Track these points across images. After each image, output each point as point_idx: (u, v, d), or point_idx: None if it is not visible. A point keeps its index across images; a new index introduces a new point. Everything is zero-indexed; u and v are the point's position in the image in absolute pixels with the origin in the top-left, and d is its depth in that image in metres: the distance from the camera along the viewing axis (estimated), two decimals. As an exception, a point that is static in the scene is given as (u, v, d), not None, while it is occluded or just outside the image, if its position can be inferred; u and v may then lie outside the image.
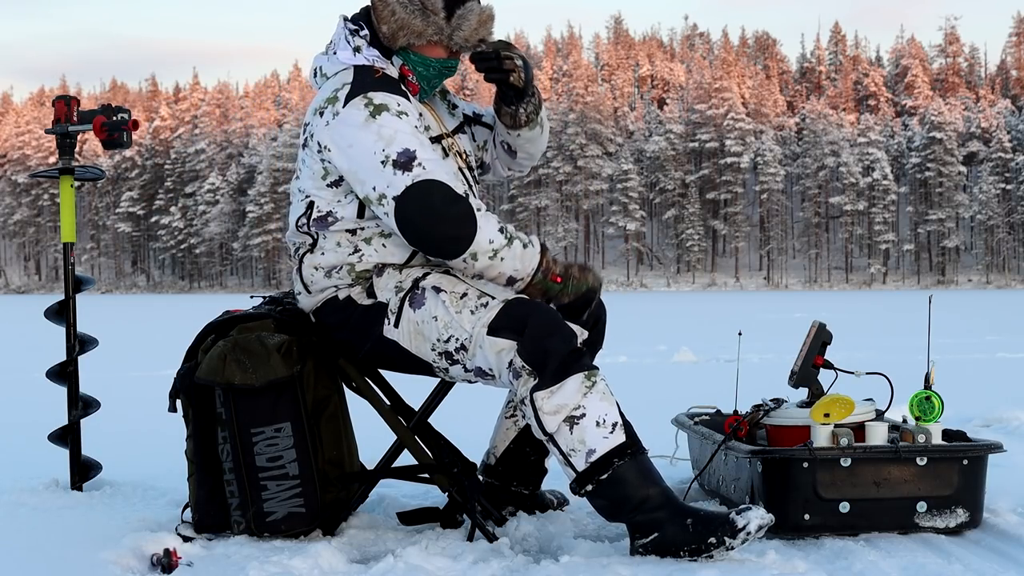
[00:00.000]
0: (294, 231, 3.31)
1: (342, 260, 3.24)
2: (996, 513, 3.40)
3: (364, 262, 3.23)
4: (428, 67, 3.27)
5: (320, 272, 3.26)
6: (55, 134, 4.08)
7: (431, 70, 3.28)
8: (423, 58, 3.26)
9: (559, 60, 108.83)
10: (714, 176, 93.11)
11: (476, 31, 3.25)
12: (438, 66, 3.28)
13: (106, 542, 3.10)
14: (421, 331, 3.15)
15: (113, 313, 32.52)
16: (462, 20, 3.23)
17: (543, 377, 3.00)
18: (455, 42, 3.24)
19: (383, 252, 3.24)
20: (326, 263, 3.25)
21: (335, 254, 3.24)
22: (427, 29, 3.21)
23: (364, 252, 3.23)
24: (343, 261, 3.24)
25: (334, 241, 3.24)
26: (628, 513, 3.01)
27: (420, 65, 3.27)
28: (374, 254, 3.23)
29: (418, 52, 3.26)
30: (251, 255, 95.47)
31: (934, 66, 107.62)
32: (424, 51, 3.26)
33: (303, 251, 3.29)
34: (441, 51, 3.27)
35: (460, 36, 3.23)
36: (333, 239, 3.24)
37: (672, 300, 49.03)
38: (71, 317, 4.07)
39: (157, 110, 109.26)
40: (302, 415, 3.19)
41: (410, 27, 3.21)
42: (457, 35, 3.23)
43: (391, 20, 3.22)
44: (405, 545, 3.07)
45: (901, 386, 3.69)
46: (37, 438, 4.32)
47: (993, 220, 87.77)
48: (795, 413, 3.46)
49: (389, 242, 3.24)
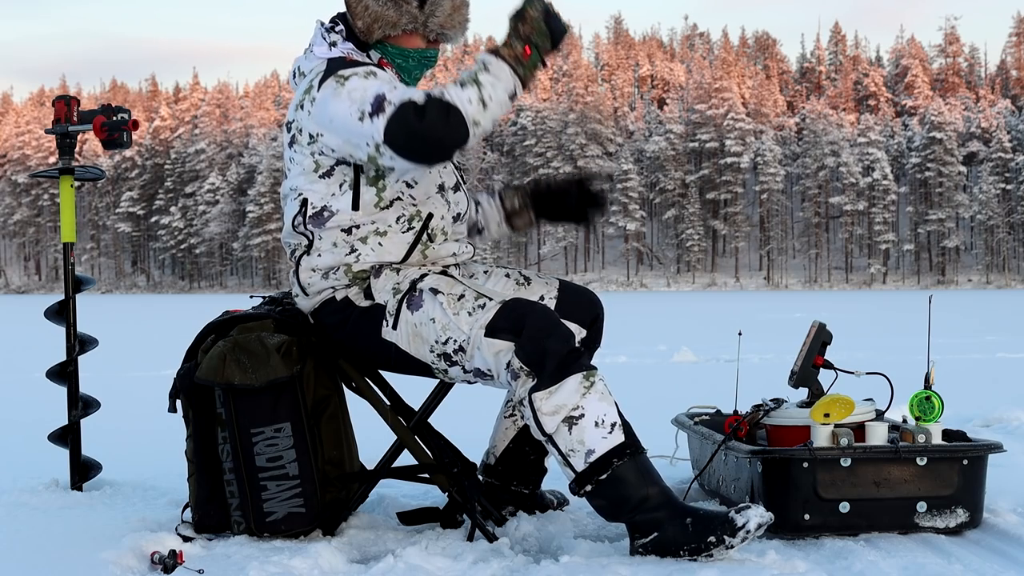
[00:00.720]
0: (290, 231, 3.29)
1: (339, 261, 3.23)
2: (996, 513, 3.40)
3: (361, 262, 3.23)
4: (407, 58, 3.26)
5: (317, 274, 3.25)
6: (55, 134, 4.08)
7: (410, 61, 3.26)
8: (401, 49, 3.25)
9: (559, 60, 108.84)
10: (714, 176, 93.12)
11: (451, 16, 3.23)
12: (417, 56, 3.26)
13: (106, 542, 3.10)
14: (419, 333, 3.15)
15: (113, 313, 32.52)
16: (435, 6, 3.21)
17: (541, 378, 3.00)
18: (431, 29, 3.22)
19: (380, 251, 3.23)
20: (323, 264, 3.24)
21: (332, 255, 3.23)
22: (401, 18, 3.19)
23: (361, 252, 3.22)
24: (340, 262, 3.23)
25: (330, 241, 3.23)
26: (628, 513, 3.01)
27: (399, 57, 3.26)
28: (371, 253, 3.23)
29: (395, 44, 3.24)
30: (251, 255, 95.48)
31: (934, 66, 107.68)
32: (401, 42, 3.24)
33: (299, 253, 3.27)
34: (419, 40, 3.25)
35: (435, 22, 3.22)
36: (329, 239, 3.23)
37: (672, 300, 49.02)
38: (71, 317, 4.07)
39: (157, 110, 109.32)
40: (302, 415, 3.19)
41: (384, 18, 3.19)
42: (432, 21, 3.21)
43: (364, 14, 3.21)
44: (405, 545, 3.07)
45: (901, 386, 3.69)
46: (37, 438, 4.32)
47: (993, 220, 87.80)
48: (795, 413, 3.46)
49: (386, 240, 3.23)
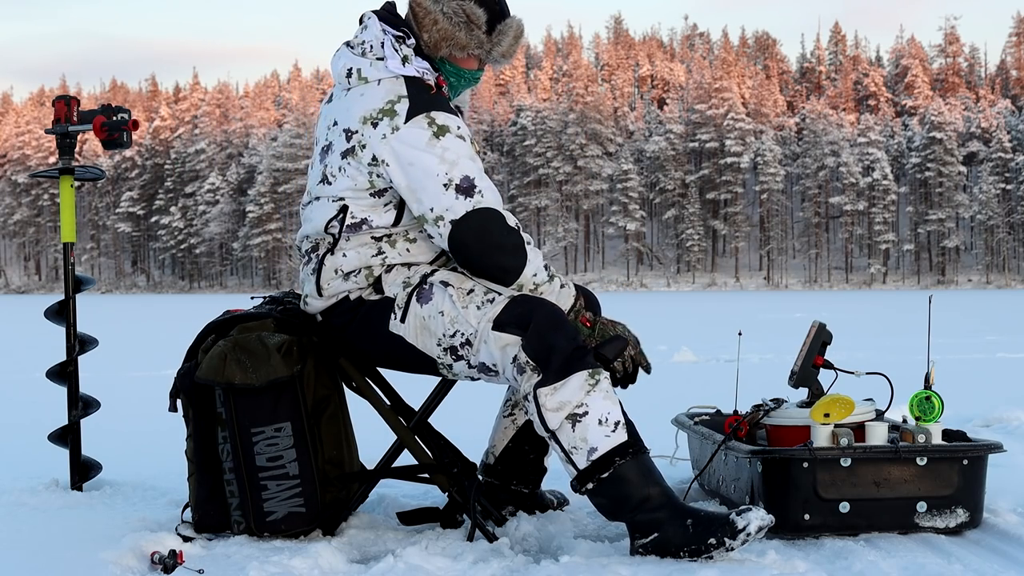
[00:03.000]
0: (319, 231, 3.25)
1: (363, 263, 3.21)
2: (996, 513, 3.40)
3: (385, 265, 3.23)
4: (460, 77, 3.31)
5: (339, 276, 3.23)
6: (55, 134, 4.08)
7: (462, 80, 3.32)
8: (458, 69, 3.29)
9: (559, 60, 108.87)
10: (714, 176, 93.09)
11: (511, 47, 3.30)
12: (469, 76, 3.33)
13: (106, 542, 3.10)
14: (427, 326, 3.15)
15: (113, 313, 32.51)
16: (501, 36, 3.27)
17: (547, 373, 3.00)
18: (492, 57, 3.29)
19: (406, 256, 3.24)
20: (347, 266, 3.22)
21: (357, 256, 3.22)
22: (470, 43, 3.24)
23: (388, 255, 3.22)
24: (364, 264, 3.22)
25: (357, 242, 3.22)
26: (628, 512, 3.01)
27: (454, 76, 3.30)
28: (397, 257, 3.23)
29: (454, 63, 3.28)
30: (251, 255, 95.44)
31: (934, 66, 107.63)
32: (461, 62, 3.29)
33: (323, 251, 3.25)
34: (474, 63, 3.31)
35: (498, 51, 3.28)
36: (357, 240, 3.22)
37: (672, 300, 49.02)
38: (71, 317, 4.07)
39: (157, 110, 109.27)
40: (302, 415, 3.19)
41: (454, 39, 3.23)
42: (496, 50, 3.27)
43: (433, 29, 3.23)
44: (405, 545, 3.07)
45: (901, 386, 3.69)
46: (37, 438, 4.32)
47: (993, 220, 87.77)
48: (795, 413, 3.46)
49: (414, 247, 3.24)
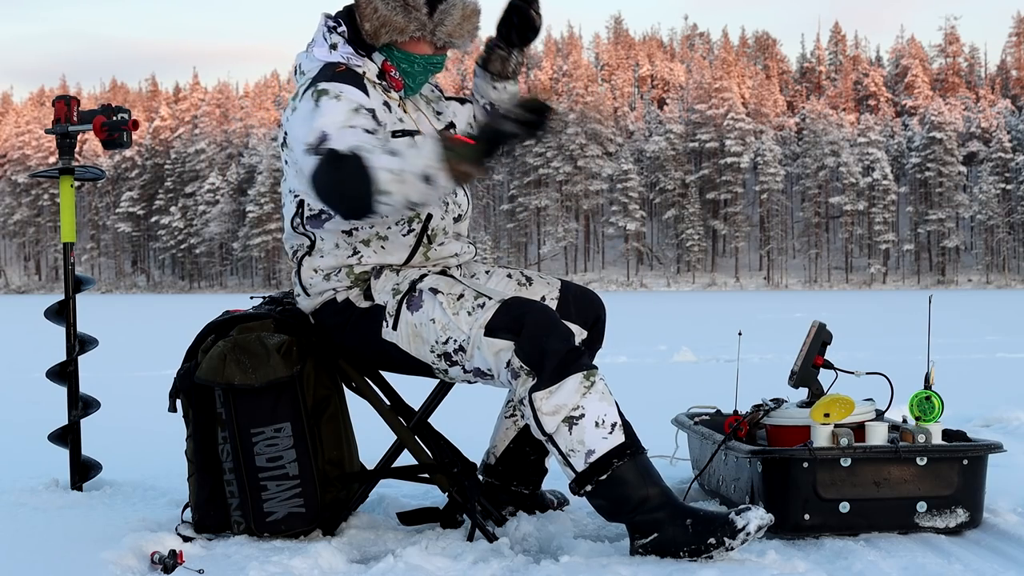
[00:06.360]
0: (291, 233, 3.30)
1: (341, 262, 3.23)
2: (996, 513, 3.40)
3: (363, 264, 3.23)
4: (412, 63, 3.25)
5: (319, 275, 3.25)
6: (55, 134, 4.08)
7: (415, 66, 3.26)
8: (406, 54, 3.24)
9: (559, 60, 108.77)
10: (714, 176, 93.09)
11: (460, 25, 3.23)
12: (422, 62, 3.26)
13: (106, 542, 3.10)
14: (419, 333, 3.15)
15: (113, 313, 32.51)
16: (444, 15, 3.20)
17: (541, 377, 3.00)
18: (438, 37, 3.22)
19: (382, 254, 3.23)
20: (325, 265, 3.24)
21: (334, 256, 3.23)
22: (409, 25, 3.19)
23: (363, 254, 3.23)
24: (342, 263, 3.23)
25: (332, 242, 3.23)
26: (628, 513, 3.01)
27: (404, 61, 3.25)
28: (373, 255, 3.23)
29: (401, 48, 3.23)
30: (251, 255, 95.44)
31: (934, 66, 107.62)
32: (408, 47, 3.23)
33: (301, 253, 3.28)
34: (426, 47, 3.24)
35: (443, 31, 3.21)
36: (331, 240, 3.23)
37: (672, 300, 49.01)
38: (71, 317, 4.07)
39: (157, 110, 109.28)
40: (302, 415, 3.19)
41: (392, 24, 3.18)
42: (440, 30, 3.21)
43: (373, 17, 3.19)
44: (405, 545, 3.07)
45: (901, 386, 3.69)
46: (37, 438, 4.32)
47: (993, 220, 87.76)
48: (795, 413, 3.46)
49: (388, 244, 3.23)
